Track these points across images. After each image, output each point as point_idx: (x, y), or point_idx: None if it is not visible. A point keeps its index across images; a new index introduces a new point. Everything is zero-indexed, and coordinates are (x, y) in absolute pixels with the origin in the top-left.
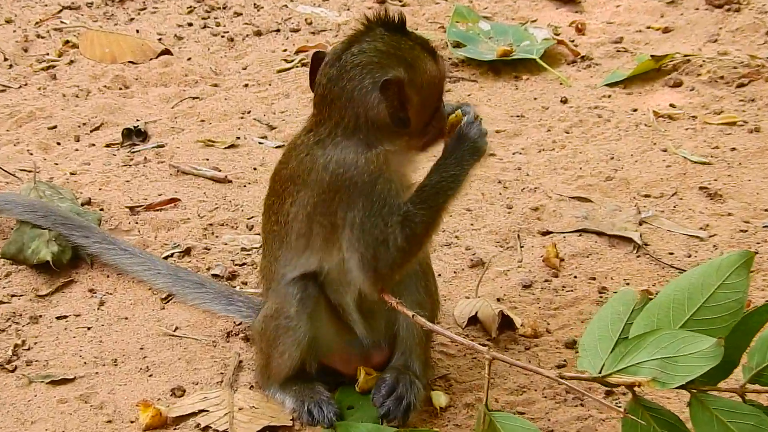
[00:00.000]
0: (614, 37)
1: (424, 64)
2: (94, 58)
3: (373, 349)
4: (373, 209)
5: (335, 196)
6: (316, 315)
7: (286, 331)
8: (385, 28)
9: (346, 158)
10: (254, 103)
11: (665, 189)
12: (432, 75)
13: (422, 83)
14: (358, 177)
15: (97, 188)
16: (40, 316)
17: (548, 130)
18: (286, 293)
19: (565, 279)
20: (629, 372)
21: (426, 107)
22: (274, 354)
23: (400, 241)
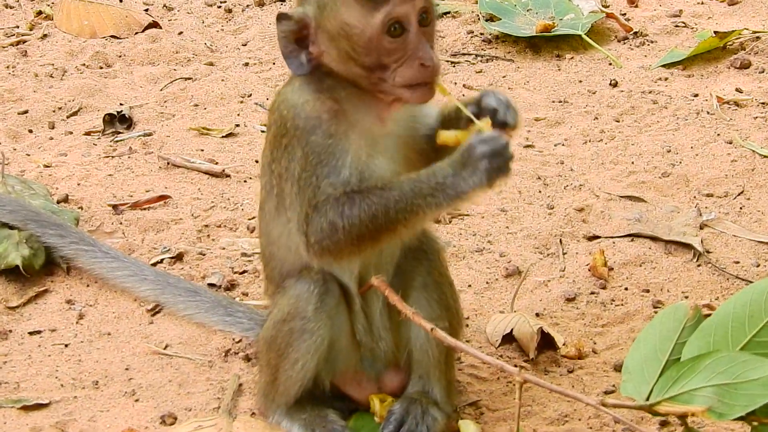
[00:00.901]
0: (672, 10)
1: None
2: (70, 32)
3: (389, 373)
4: (308, 163)
5: (282, 140)
6: (336, 316)
7: (301, 335)
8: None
9: (293, 98)
10: (256, 84)
11: (730, 187)
12: (351, 23)
13: (338, 30)
14: (299, 121)
15: (75, 183)
16: (9, 331)
17: (595, 118)
18: (301, 290)
19: (614, 291)
20: (681, 400)
21: (355, 52)
22: (285, 365)
23: (330, 217)
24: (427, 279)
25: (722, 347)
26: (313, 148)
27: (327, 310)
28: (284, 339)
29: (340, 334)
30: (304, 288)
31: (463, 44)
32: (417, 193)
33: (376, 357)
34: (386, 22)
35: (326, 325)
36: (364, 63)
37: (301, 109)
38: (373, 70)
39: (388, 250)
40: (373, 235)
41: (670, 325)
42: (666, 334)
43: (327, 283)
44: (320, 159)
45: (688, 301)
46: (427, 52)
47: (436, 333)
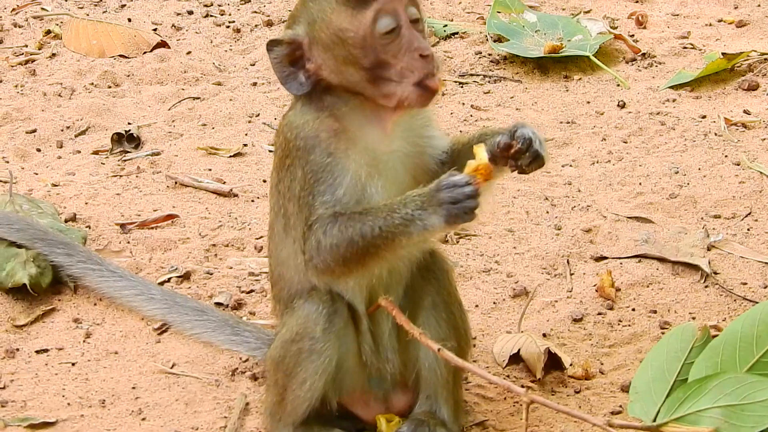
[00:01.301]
0: (680, 32)
1: (333, 17)
2: (79, 51)
3: (396, 393)
4: (306, 182)
5: (285, 161)
6: (344, 337)
7: (309, 356)
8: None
9: (295, 120)
10: (264, 104)
11: (738, 209)
12: (344, 28)
13: (333, 38)
14: (299, 141)
15: (83, 202)
16: (17, 350)
17: (603, 139)
18: (309, 310)
19: (621, 312)
20: (688, 421)
21: (354, 58)
22: (292, 385)
23: (318, 236)
24: (436, 299)
25: (729, 368)
26: (312, 167)
27: (335, 331)
28: (292, 359)
29: (348, 355)
30: (313, 308)
31: (471, 65)
32: (389, 221)
33: (384, 377)
34: (377, 17)
35: (334, 346)
36: (364, 65)
37: (302, 129)
38: (374, 69)
39: (396, 270)
40: (357, 258)
41: (678, 345)
42: (673, 355)
43: (335, 304)
44: (318, 177)
45: (696, 322)
46: (423, 43)
47: (443, 353)
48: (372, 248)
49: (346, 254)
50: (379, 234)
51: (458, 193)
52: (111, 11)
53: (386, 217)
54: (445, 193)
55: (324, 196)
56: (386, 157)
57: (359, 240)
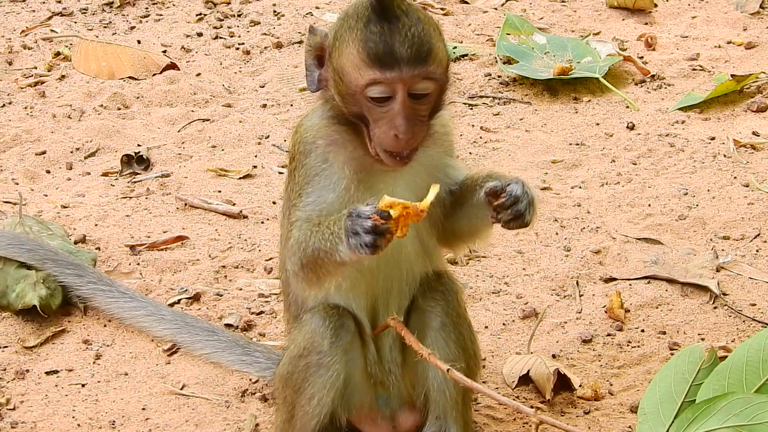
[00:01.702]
0: (689, 54)
1: (345, 51)
2: (88, 73)
3: (404, 412)
4: (296, 184)
5: (291, 165)
6: (351, 351)
7: (317, 370)
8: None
9: (305, 124)
10: (273, 126)
11: (747, 230)
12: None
13: (338, 69)
14: (301, 146)
15: (93, 224)
16: (27, 371)
17: (612, 161)
18: (316, 324)
19: (630, 333)
20: None
21: (346, 92)
22: (301, 401)
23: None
24: (445, 319)
25: (737, 389)
26: (306, 169)
27: (342, 345)
28: (300, 374)
29: (355, 370)
30: (320, 323)
31: (480, 87)
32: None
33: (391, 395)
34: (370, 85)
35: (342, 360)
36: (351, 110)
37: (306, 133)
38: (357, 118)
39: (395, 285)
40: (313, 266)
41: (686, 367)
42: (682, 376)
43: (342, 318)
44: (308, 181)
45: (705, 343)
46: (404, 126)
47: (452, 374)
48: (320, 260)
49: (308, 260)
50: (321, 247)
51: (358, 225)
52: (120, 33)
53: (324, 231)
54: (349, 221)
55: (308, 198)
56: (387, 176)
57: (312, 251)
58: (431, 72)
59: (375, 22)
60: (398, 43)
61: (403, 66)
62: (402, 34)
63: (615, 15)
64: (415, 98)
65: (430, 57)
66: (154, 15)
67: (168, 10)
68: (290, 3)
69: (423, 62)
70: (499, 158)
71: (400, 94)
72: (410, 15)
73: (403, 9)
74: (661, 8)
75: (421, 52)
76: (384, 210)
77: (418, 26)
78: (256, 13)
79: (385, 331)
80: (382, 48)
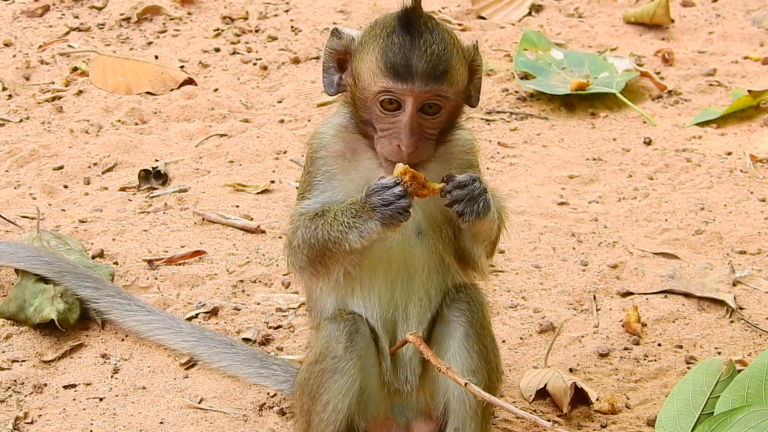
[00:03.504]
0: (706, 69)
1: (365, 58)
2: (106, 88)
3: (419, 421)
4: (303, 182)
5: (304, 169)
6: (366, 358)
7: (332, 375)
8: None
9: (320, 129)
10: (291, 141)
11: (764, 245)
12: (363, 77)
13: (357, 73)
14: (312, 149)
15: (111, 238)
16: (44, 385)
17: (629, 176)
18: (332, 329)
19: (647, 347)
20: None
21: (360, 96)
22: (317, 408)
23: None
24: (469, 330)
25: (755, 402)
26: (314, 170)
27: (357, 350)
28: (316, 380)
29: (371, 377)
30: (335, 328)
31: (498, 102)
32: (334, 228)
33: (408, 404)
34: (381, 92)
35: (357, 365)
36: (362, 115)
37: (318, 139)
38: (366, 125)
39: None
40: (318, 259)
41: (704, 380)
42: (699, 389)
43: (357, 323)
44: (313, 180)
45: (721, 356)
46: (407, 138)
47: (470, 388)
48: (327, 251)
49: (310, 255)
50: (328, 238)
51: (389, 194)
52: (138, 48)
53: (331, 222)
54: (376, 197)
55: (309, 200)
56: None
57: (315, 243)
58: (443, 91)
59: (398, 33)
60: (416, 57)
61: (415, 80)
62: (421, 49)
63: (632, 31)
64: (425, 114)
65: (445, 76)
66: (172, 30)
67: (185, 26)
68: (307, 18)
69: (437, 80)
70: (516, 173)
71: (410, 107)
72: (434, 33)
73: (429, 26)
74: (678, 24)
75: (436, 69)
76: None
77: (440, 45)
78: (274, 28)
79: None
80: (399, 59)
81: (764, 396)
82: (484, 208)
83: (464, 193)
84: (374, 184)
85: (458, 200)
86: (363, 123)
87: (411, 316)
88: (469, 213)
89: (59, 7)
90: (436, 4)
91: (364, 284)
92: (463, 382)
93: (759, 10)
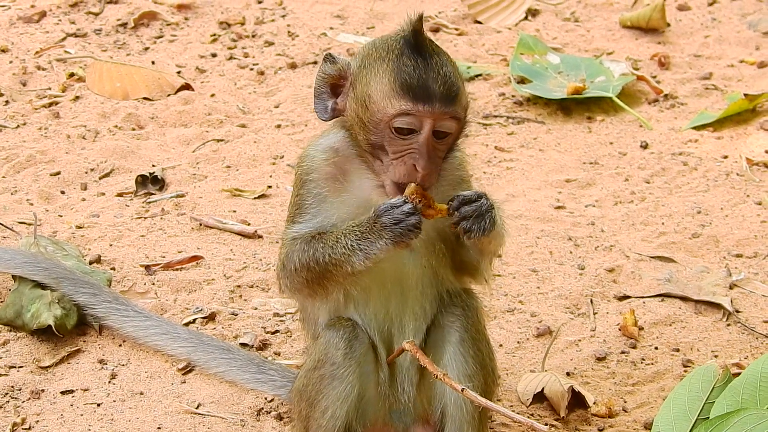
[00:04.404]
0: (702, 73)
1: (373, 80)
2: (103, 94)
3: (417, 427)
4: (294, 204)
5: (294, 188)
6: (365, 365)
7: (331, 382)
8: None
9: (309, 150)
10: (288, 146)
11: (760, 248)
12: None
13: (362, 97)
14: (302, 171)
15: (108, 244)
16: (42, 391)
17: (626, 180)
18: (331, 336)
19: (644, 350)
20: None
21: (366, 125)
22: (315, 414)
23: (283, 257)
24: (464, 335)
25: (751, 405)
26: (305, 193)
27: (356, 357)
28: (315, 387)
29: (369, 383)
30: (334, 335)
31: (494, 106)
32: (336, 250)
33: (405, 409)
34: (400, 113)
35: (355, 372)
36: (369, 139)
37: (311, 159)
38: (375, 148)
39: (408, 310)
40: (316, 281)
41: (700, 385)
42: (695, 394)
43: (356, 330)
44: (303, 207)
45: (718, 360)
46: (425, 160)
47: (467, 393)
48: (327, 273)
49: (308, 278)
50: (329, 261)
51: (399, 213)
52: (134, 54)
53: (333, 245)
54: (386, 217)
55: (300, 225)
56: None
57: (315, 266)
58: (457, 112)
59: (408, 55)
60: (432, 79)
61: (435, 102)
62: (435, 72)
63: (628, 35)
64: (437, 136)
65: (458, 98)
66: (168, 36)
67: (182, 31)
68: (304, 24)
69: (452, 101)
70: (513, 177)
71: (427, 129)
72: (441, 56)
73: (434, 48)
74: (674, 28)
75: (451, 91)
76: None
77: (449, 67)
78: (271, 33)
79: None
80: (417, 81)
81: (759, 402)
82: (490, 224)
83: (472, 209)
84: (383, 205)
85: (466, 217)
86: (370, 146)
87: (407, 328)
88: (476, 230)
89: (56, 13)
90: (433, 9)
91: (359, 301)
92: (460, 388)
93: (755, 14)
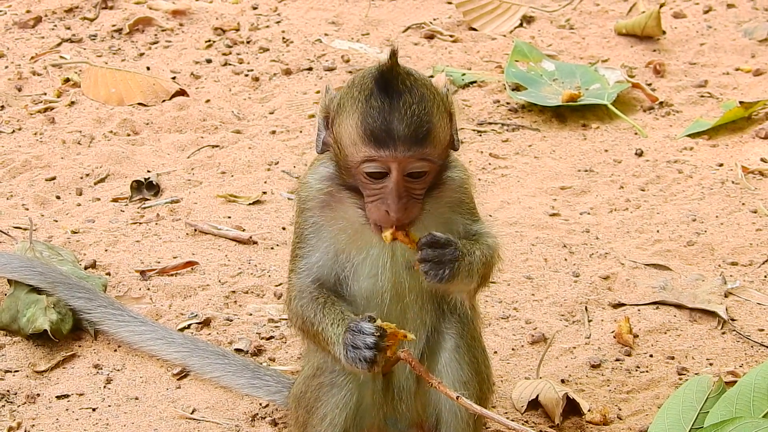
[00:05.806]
0: (698, 80)
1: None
2: (98, 99)
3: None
4: (296, 236)
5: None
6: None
7: (330, 390)
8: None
9: (306, 178)
10: (283, 152)
11: (755, 256)
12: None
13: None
14: (299, 200)
15: (103, 249)
16: (37, 395)
17: (621, 187)
18: None
19: (639, 358)
20: None
21: (343, 162)
22: (313, 421)
23: (290, 296)
24: (460, 342)
25: (745, 415)
26: (300, 228)
27: None
28: (313, 394)
29: (367, 391)
30: None
31: (489, 113)
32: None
33: (401, 416)
34: (365, 161)
35: (354, 380)
36: (346, 181)
37: (308, 189)
38: (351, 190)
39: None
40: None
41: (694, 395)
42: (689, 405)
43: None
44: (301, 239)
45: (713, 370)
46: (395, 204)
47: (462, 401)
48: (318, 338)
49: (303, 327)
50: (319, 334)
51: (360, 341)
52: (130, 59)
53: (329, 325)
54: (349, 335)
55: (302, 261)
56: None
57: (309, 327)
58: (427, 154)
59: (376, 96)
60: (396, 121)
61: (398, 146)
62: (401, 112)
63: (623, 42)
64: (412, 176)
65: (427, 138)
66: (163, 42)
67: (177, 37)
68: (299, 30)
69: (419, 144)
70: (508, 184)
71: (395, 174)
72: (413, 92)
73: (407, 85)
74: (670, 35)
75: (418, 132)
76: (384, 328)
77: (420, 105)
78: (265, 39)
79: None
80: (379, 125)
81: (753, 412)
82: (449, 275)
83: (434, 255)
84: (355, 323)
85: (426, 260)
86: (349, 186)
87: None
88: (432, 276)
89: (51, 19)
90: (427, 16)
91: (358, 313)
92: (455, 395)
93: (750, 22)
